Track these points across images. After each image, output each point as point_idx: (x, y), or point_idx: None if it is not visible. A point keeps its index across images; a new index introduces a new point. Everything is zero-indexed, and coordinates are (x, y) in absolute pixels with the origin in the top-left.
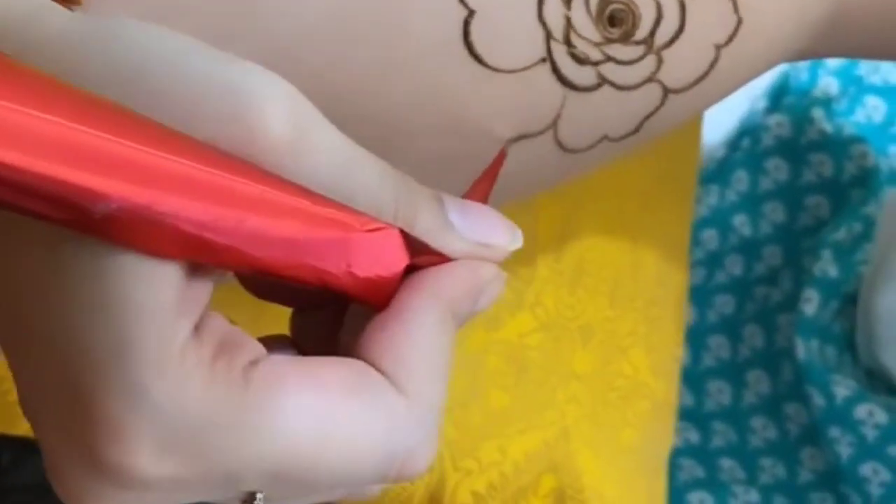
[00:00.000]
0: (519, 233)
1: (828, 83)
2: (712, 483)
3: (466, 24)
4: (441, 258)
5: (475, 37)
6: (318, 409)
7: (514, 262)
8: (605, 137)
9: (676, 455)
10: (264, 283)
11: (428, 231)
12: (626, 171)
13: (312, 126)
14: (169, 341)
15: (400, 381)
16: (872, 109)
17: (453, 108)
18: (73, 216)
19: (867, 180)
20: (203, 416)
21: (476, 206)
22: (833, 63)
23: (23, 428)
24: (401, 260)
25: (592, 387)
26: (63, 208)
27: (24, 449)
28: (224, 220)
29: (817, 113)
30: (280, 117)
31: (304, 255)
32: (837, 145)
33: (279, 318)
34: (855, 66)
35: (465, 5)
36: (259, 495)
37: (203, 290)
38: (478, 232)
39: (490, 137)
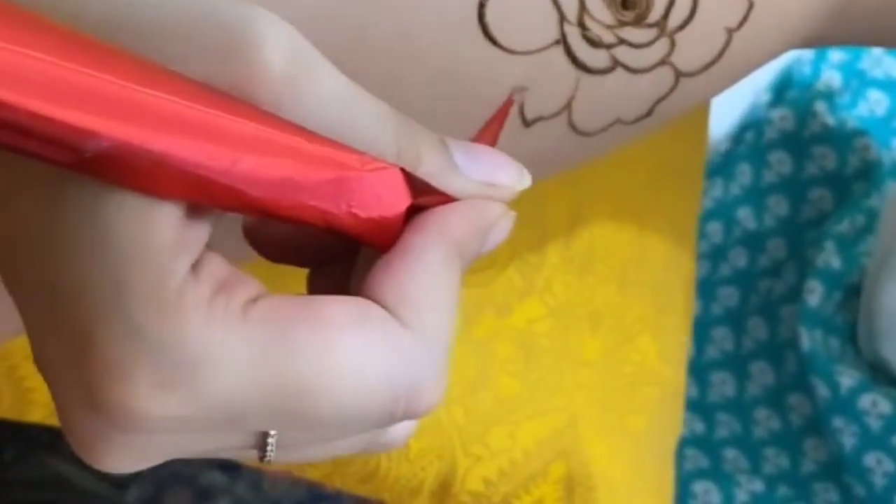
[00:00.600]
0: (526, 173)
1: (831, 77)
2: (716, 473)
3: (482, 5)
4: (446, 198)
5: (490, 18)
6: (318, 343)
7: (523, 249)
8: (618, 121)
9: (681, 445)
10: (276, 244)
11: (432, 172)
12: (634, 159)
13: (312, 64)
14: (165, 280)
15: (404, 317)
16: (875, 103)
17: (468, 88)
18: (64, 156)
19: (870, 173)
20: (200, 352)
21: (481, 147)
22: (836, 57)
23: (37, 415)
24: (403, 199)
25: (601, 373)
26: (53, 147)
27: (27, 444)
28: (219, 159)
29: (820, 106)
30: (279, 54)
31: (304, 195)
32: (840, 138)
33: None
34: (857, 59)
35: None
36: (271, 439)
37: (201, 230)
38: (483, 172)
39: None
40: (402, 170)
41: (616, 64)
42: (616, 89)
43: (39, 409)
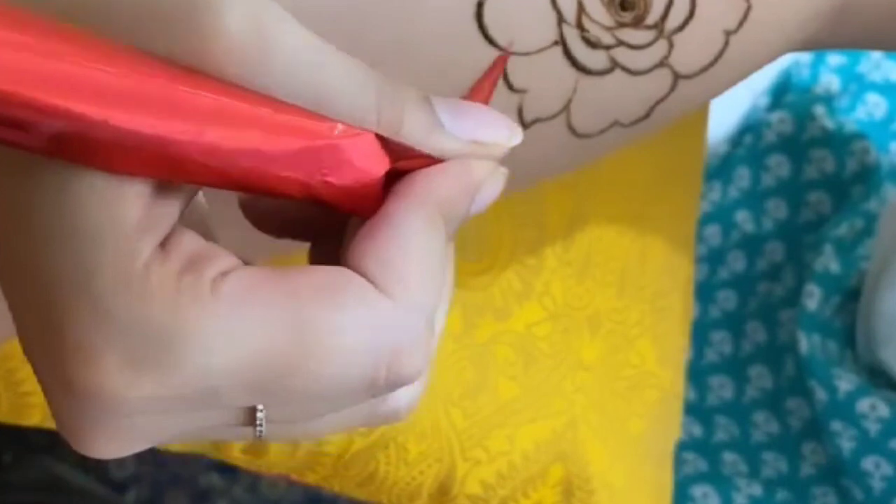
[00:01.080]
0: (518, 129)
1: (829, 80)
2: (715, 477)
3: (480, 5)
4: (430, 161)
5: (488, 19)
6: (291, 316)
7: (522, 253)
8: (617, 122)
9: (680, 449)
10: (270, 218)
11: (415, 132)
12: (633, 164)
13: (274, 27)
14: (130, 259)
15: (384, 284)
16: (873, 106)
17: (466, 89)
18: (24, 138)
19: (868, 176)
20: (170, 329)
21: (468, 105)
22: (834, 60)
23: (34, 419)
24: (380, 165)
25: (600, 377)
26: (11, 129)
27: (26, 447)
28: (181, 134)
29: (819, 110)
30: (234, 19)
31: (274, 166)
32: (839, 142)
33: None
34: (856, 63)
35: None
36: (259, 414)
37: (171, 206)
38: (470, 129)
39: None
40: (378, 135)
41: (615, 65)
42: (615, 91)
43: (37, 412)
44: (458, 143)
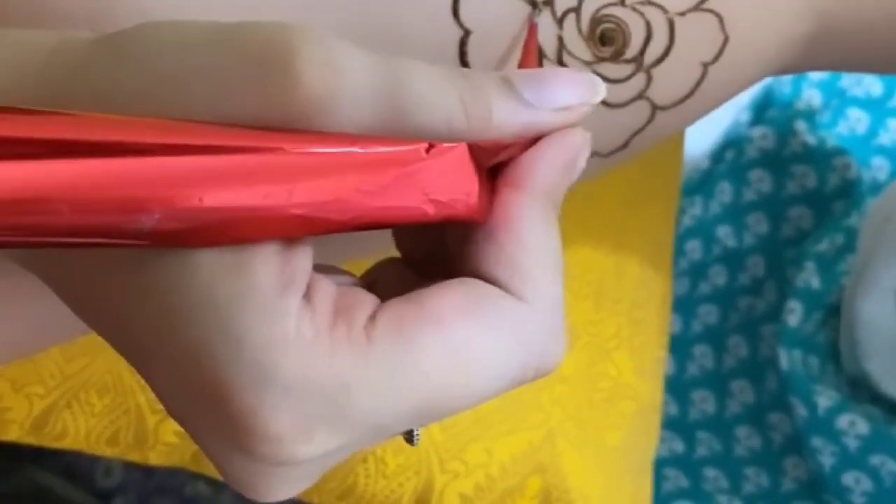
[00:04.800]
0: (599, 81)
1: (811, 95)
2: (697, 493)
3: (463, 43)
4: (524, 145)
5: (471, 56)
6: (445, 345)
7: None
8: (595, 153)
9: (661, 465)
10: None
11: (505, 118)
12: (610, 179)
13: (345, 65)
14: (280, 322)
15: (518, 289)
16: (855, 121)
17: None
18: (128, 241)
19: (850, 192)
20: (335, 384)
21: (546, 72)
22: (816, 76)
23: (12, 434)
24: (478, 171)
25: (577, 389)
26: (113, 239)
27: (12, 458)
28: (271, 197)
29: (800, 125)
30: (308, 73)
31: (376, 201)
32: (820, 157)
33: None
34: (838, 78)
35: (461, 25)
36: (416, 432)
37: (303, 257)
38: (556, 97)
39: None
40: (468, 144)
41: None
42: (594, 123)
43: (15, 427)
44: (549, 116)
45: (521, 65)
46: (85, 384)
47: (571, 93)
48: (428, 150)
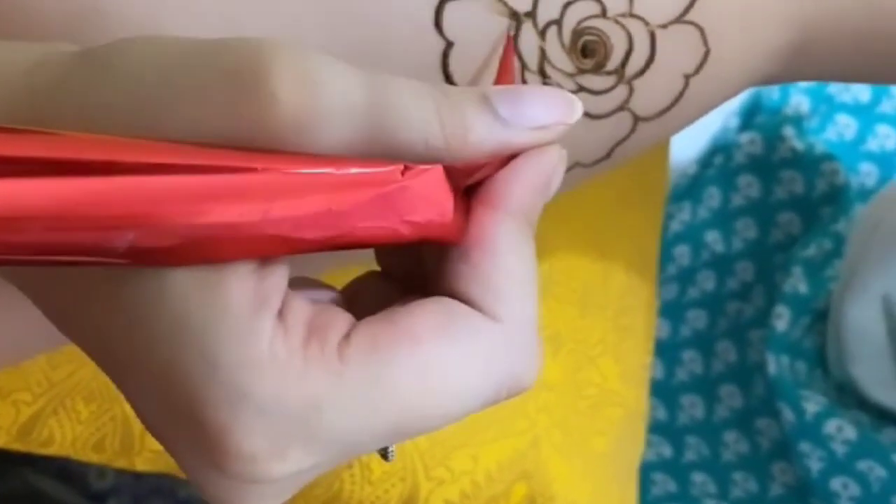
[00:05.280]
0: (576, 100)
1: (799, 101)
2: (684, 497)
3: (445, 55)
4: (502, 160)
5: (453, 67)
6: (419, 365)
7: None
8: (578, 164)
9: (649, 469)
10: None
11: (483, 139)
12: (595, 186)
13: (321, 81)
14: (254, 342)
15: (492, 309)
16: (843, 127)
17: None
18: (103, 260)
19: (837, 197)
20: (308, 404)
21: (523, 90)
22: (804, 82)
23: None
24: (454, 192)
25: (563, 395)
26: (88, 257)
27: (4, 460)
28: (247, 216)
29: (789, 131)
30: (283, 89)
31: (351, 221)
32: (808, 163)
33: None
34: (826, 84)
35: (444, 37)
36: (391, 449)
37: (277, 277)
38: (533, 116)
39: None
40: (444, 165)
41: None
42: (576, 134)
43: (2, 434)
44: (525, 135)
45: (498, 79)
46: (71, 391)
47: (548, 112)
48: (404, 172)
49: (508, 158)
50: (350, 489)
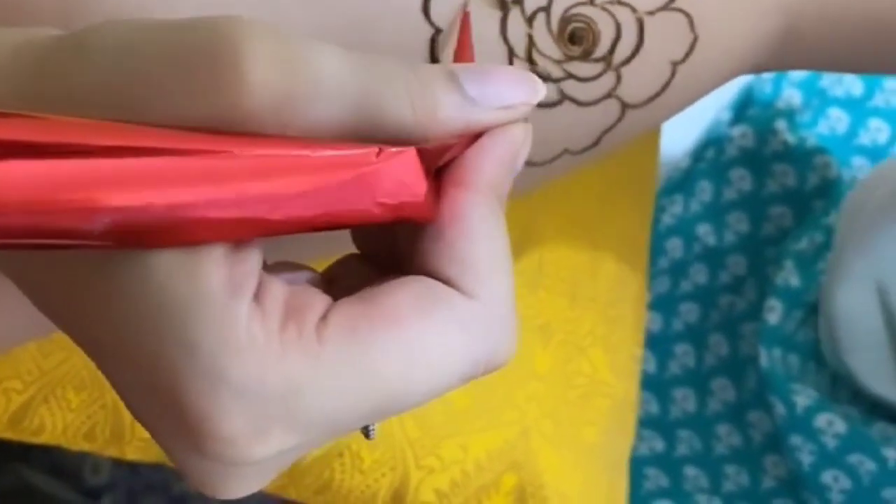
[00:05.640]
0: (539, 82)
1: (791, 95)
2: (677, 492)
3: (433, 41)
4: (467, 142)
5: (441, 53)
6: (396, 344)
7: None
8: (566, 151)
9: (641, 463)
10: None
11: (451, 117)
12: (584, 176)
13: (295, 64)
14: (230, 324)
15: (467, 287)
16: (836, 121)
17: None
18: (75, 241)
19: (829, 191)
20: (287, 386)
21: (489, 69)
22: (797, 75)
23: None
24: (427, 173)
25: (552, 386)
26: (66, 240)
27: None
28: (223, 196)
29: (781, 124)
30: (259, 73)
31: (326, 204)
32: (801, 156)
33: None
34: (818, 78)
35: (432, 23)
36: (372, 427)
37: (252, 259)
38: (499, 96)
39: None
40: (416, 148)
41: (564, 97)
42: (564, 121)
43: None
44: (492, 114)
45: (457, 56)
46: (62, 380)
47: (514, 92)
48: (378, 154)
49: (474, 137)
50: (340, 478)
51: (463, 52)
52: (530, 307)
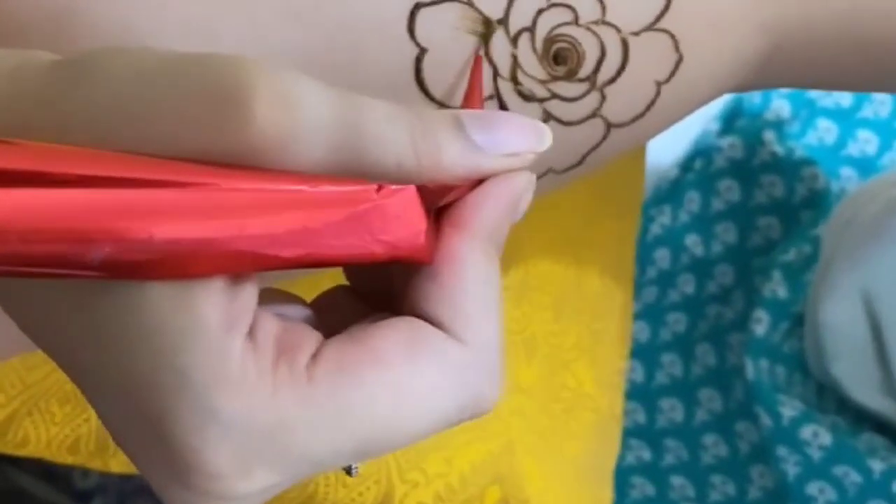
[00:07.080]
0: (546, 130)
1: (780, 106)
2: (663, 501)
3: (418, 60)
4: (472, 183)
5: (426, 74)
6: (385, 386)
7: None
8: (550, 170)
9: (628, 473)
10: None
11: (456, 163)
12: (570, 190)
13: (299, 101)
14: (224, 359)
15: (458, 331)
16: (824, 132)
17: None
18: (77, 272)
19: (818, 202)
20: (276, 424)
21: (495, 116)
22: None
23: None
24: (426, 213)
25: (537, 399)
26: (62, 270)
27: None
28: (223, 231)
29: (769, 135)
30: (262, 109)
31: (325, 239)
32: (789, 167)
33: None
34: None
35: (417, 43)
36: (355, 466)
37: (248, 295)
38: (505, 143)
39: None
40: (417, 186)
41: (548, 117)
42: None
43: None
44: (496, 162)
45: (466, 100)
46: (46, 393)
47: (520, 139)
48: (378, 191)
49: (478, 181)
50: (324, 492)
51: (472, 97)
52: (515, 321)
